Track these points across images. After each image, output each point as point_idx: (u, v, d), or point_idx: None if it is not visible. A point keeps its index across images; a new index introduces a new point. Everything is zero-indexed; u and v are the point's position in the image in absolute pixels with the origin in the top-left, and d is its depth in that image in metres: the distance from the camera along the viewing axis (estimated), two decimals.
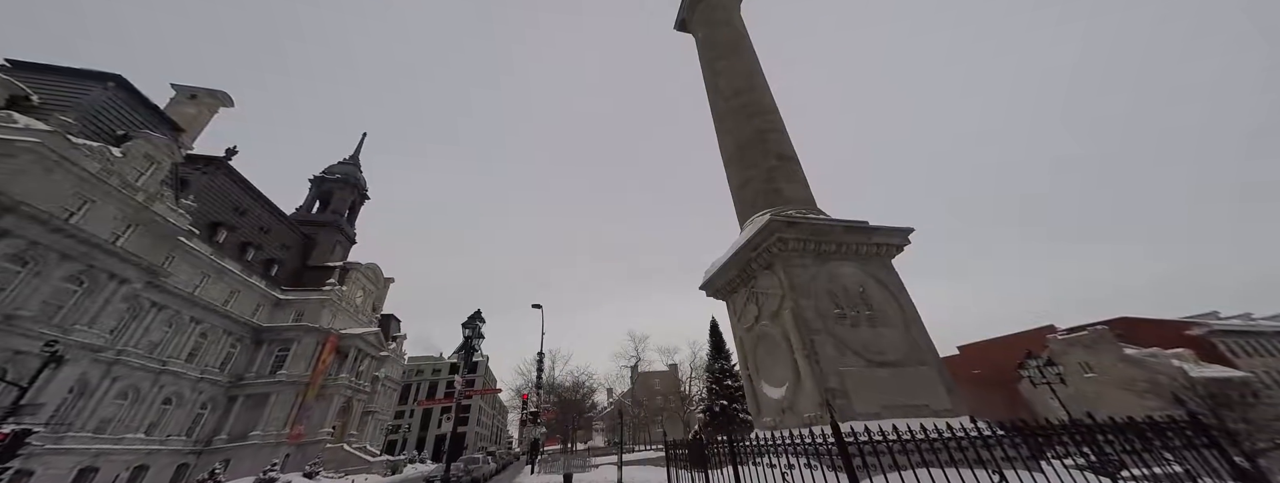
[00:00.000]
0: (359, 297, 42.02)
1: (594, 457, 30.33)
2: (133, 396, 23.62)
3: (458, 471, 22.17)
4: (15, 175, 17.05)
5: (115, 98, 22.72)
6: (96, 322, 19.95)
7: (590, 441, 61.48)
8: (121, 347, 22.71)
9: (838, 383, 6.25)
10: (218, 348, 29.22)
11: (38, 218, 17.46)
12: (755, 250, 8.20)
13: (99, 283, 20.10)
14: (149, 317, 24.46)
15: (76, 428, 20.63)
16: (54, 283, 18.48)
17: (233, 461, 26.83)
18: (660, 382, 53.52)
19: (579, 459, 24.13)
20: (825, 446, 4.19)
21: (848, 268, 7.76)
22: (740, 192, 10.95)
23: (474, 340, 13.63)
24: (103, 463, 21.44)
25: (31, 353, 16.16)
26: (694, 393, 41.43)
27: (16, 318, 16.94)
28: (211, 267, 28.71)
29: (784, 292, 7.48)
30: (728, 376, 23.83)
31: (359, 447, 36.68)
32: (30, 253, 17.64)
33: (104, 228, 20.34)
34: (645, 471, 15.35)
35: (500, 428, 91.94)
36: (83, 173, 19.31)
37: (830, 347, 6.62)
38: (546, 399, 40.41)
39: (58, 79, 21.67)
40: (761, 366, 8.19)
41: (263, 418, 29.64)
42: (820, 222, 8.16)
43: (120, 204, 21.06)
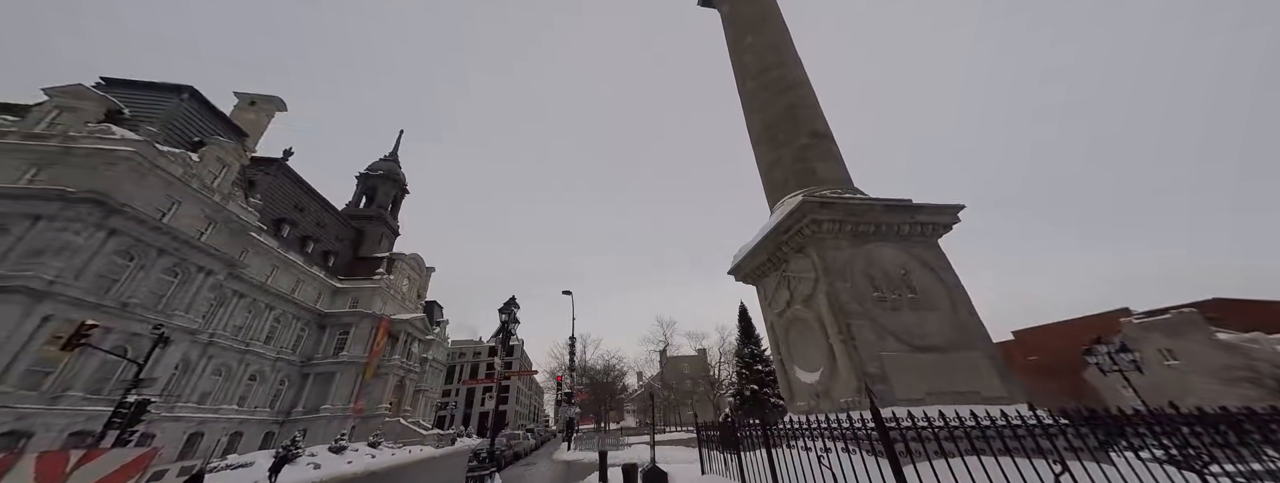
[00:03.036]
0: (405, 285, 45.06)
1: (626, 436, 31.61)
2: (225, 373, 26.92)
3: (501, 445, 23.84)
4: (117, 181, 19.42)
5: (189, 107, 25.09)
6: (191, 308, 22.73)
7: (622, 421, 63.83)
8: (213, 330, 25.79)
9: (877, 368, 6.04)
10: (290, 331, 32.50)
11: (139, 218, 19.90)
12: (787, 233, 7.92)
13: (190, 274, 22.78)
14: (232, 304, 27.52)
15: (183, 400, 23.89)
16: (155, 275, 21.14)
17: (309, 430, 30.16)
18: (689, 366, 54.30)
19: (612, 438, 25.16)
20: (864, 431, 4.05)
21: (888, 249, 7.39)
22: (769, 173, 10.52)
23: (510, 325, 14.45)
24: (206, 429, 24.81)
25: (143, 335, 18.73)
26: (723, 377, 41.77)
27: (130, 305, 19.63)
28: (279, 259, 31.66)
29: (818, 275, 7.22)
30: (758, 360, 23.72)
31: (413, 421, 40.14)
32: (135, 249, 20.22)
33: (190, 226, 22.88)
34: (677, 450, 15.89)
35: (537, 407, 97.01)
36: (170, 177, 21.67)
37: (868, 331, 6.42)
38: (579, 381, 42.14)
39: (140, 92, 24.15)
40: (794, 350, 8.04)
41: (330, 394, 32.98)
42: (857, 201, 7.75)
43: (201, 204, 23.55)
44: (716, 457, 7.70)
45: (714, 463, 7.82)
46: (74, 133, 19.59)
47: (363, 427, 33.40)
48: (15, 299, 15.93)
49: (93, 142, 19.55)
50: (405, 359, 40.99)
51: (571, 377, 30.20)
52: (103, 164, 19.29)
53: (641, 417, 63.19)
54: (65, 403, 17.07)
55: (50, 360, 16.66)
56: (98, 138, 19.78)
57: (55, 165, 18.82)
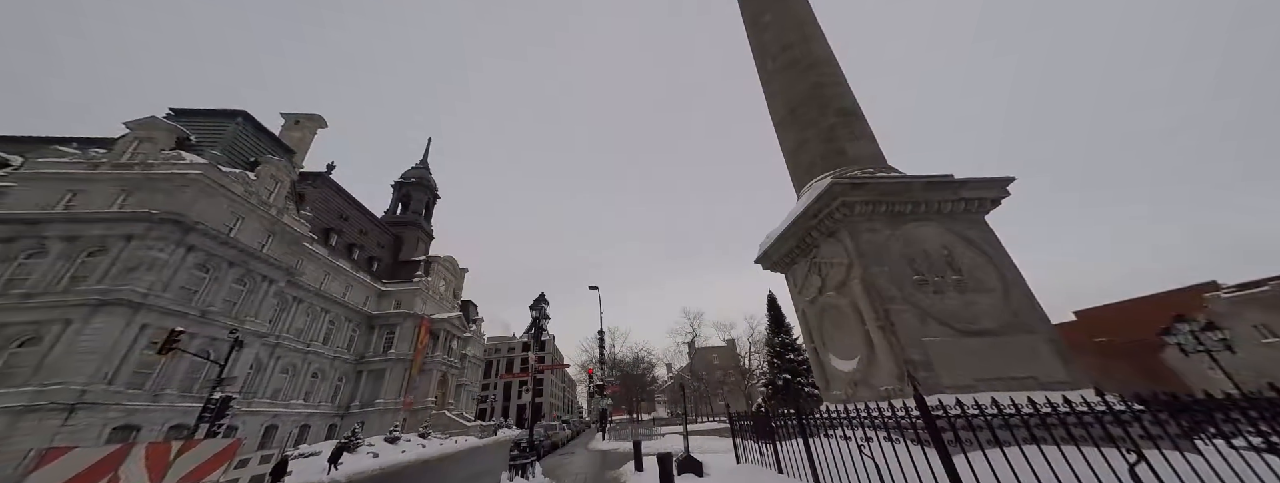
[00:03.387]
0: (442, 285, 47.44)
1: (659, 426, 32.18)
2: (291, 371, 29.58)
3: (539, 435, 24.99)
4: (190, 202, 21.58)
5: (244, 130, 27.35)
6: (259, 313, 25.07)
7: (654, 412, 64.86)
8: (278, 333, 28.32)
9: (920, 355, 5.78)
10: (343, 332, 35.16)
11: (210, 234, 22.07)
12: (815, 218, 7.65)
13: (256, 283, 25.08)
14: (293, 308, 30.06)
15: (258, 396, 26.51)
16: (227, 284, 23.43)
17: (366, 422, 32.71)
18: (718, 357, 54.33)
19: (645, 428, 25.65)
20: (908, 420, 3.89)
21: (928, 229, 6.98)
22: (795, 157, 10.11)
23: (541, 320, 15.12)
24: (279, 422, 27.45)
25: (222, 339, 20.90)
26: (754, 367, 41.58)
27: (209, 313, 21.91)
28: (329, 266, 34.17)
29: (851, 260, 6.95)
30: (789, 349, 23.31)
31: (457, 414, 42.57)
32: (209, 262, 22.47)
33: (253, 239, 25.12)
34: (710, 440, 16.02)
35: (571, 399, 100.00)
36: (233, 196, 23.83)
37: (909, 316, 6.10)
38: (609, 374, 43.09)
39: (202, 119, 26.55)
40: (828, 338, 7.85)
41: (382, 389, 35.52)
42: (892, 180, 7.37)
43: (261, 219, 25.76)
44: (751, 447, 7.68)
45: (749, 453, 7.78)
46: (151, 160, 21.90)
47: (412, 419, 35.85)
48: (118, 311, 18.20)
49: (167, 167, 21.79)
50: (446, 355, 43.39)
51: (602, 370, 31.00)
52: (177, 187, 21.50)
53: (673, 407, 63.93)
54: (164, 400, 19.42)
55: (150, 363, 18.97)
56: (170, 164, 22.02)
57: (139, 190, 21.16)
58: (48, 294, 17.93)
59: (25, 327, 17.25)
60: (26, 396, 15.74)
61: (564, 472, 11.92)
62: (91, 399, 16.70)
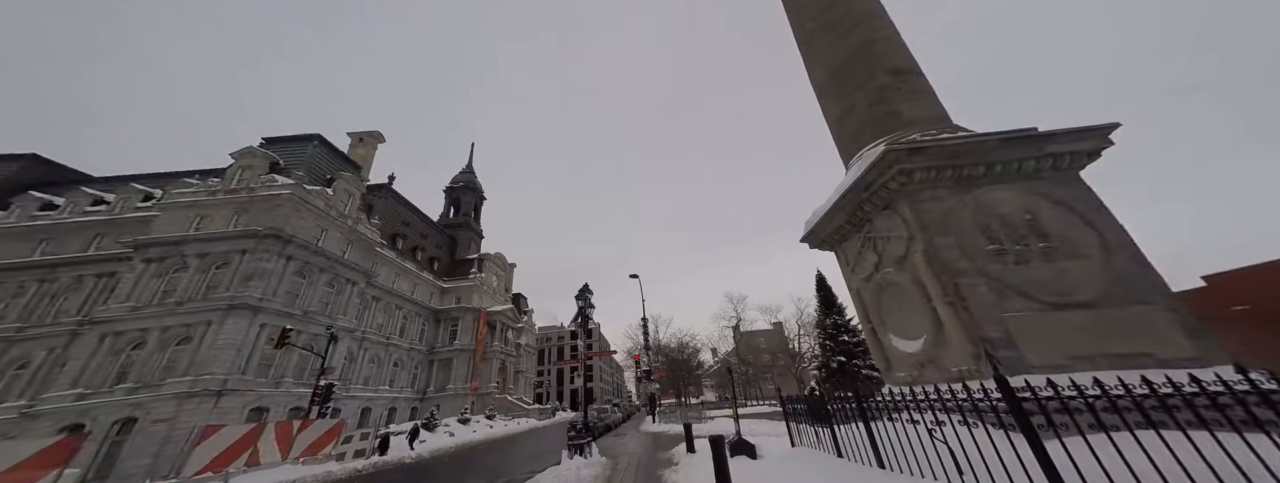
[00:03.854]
0: (494, 281, 50.90)
1: (708, 410, 32.83)
2: (377, 361, 33.66)
3: (592, 417, 26.61)
4: (286, 218, 24.95)
5: (320, 151, 30.80)
6: (347, 312, 28.68)
7: (701, 396, 65.89)
8: (364, 328, 32.24)
9: (999, 332, 5.29)
10: (415, 326, 39.17)
11: (303, 245, 25.45)
12: (868, 190, 7.09)
13: (342, 285, 28.62)
14: (373, 306, 33.96)
15: (353, 383, 30.57)
16: (320, 288, 26.98)
17: (441, 405, 36.60)
18: (765, 340, 53.68)
19: (695, 412, 26.26)
20: (987, 402, 3.56)
21: (1006, 192, 6.27)
22: (841, 125, 9.13)
23: (587, 310, 15.99)
24: (372, 405, 31.56)
25: (320, 334, 24.26)
26: (805, 350, 40.75)
27: (309, 312, 25.47)
28: (398, 267, 37.96)
29: (911, 233, 6.45)
30: (842, 331, 22.36)
31: (517, 398, 46.19)
32: (305, 269, 25.97)
33: (336, 247, 28.56)
34: (760, 424, 15.92)
35: (619, 384, 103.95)
36: (317, 210, 27.16)
37: (984, 290, 5.57)
38: (655, 359, 44.33)
39: (286, 144, 30.19)
40: (888, 317, 7.34)
41: (452, 376, 39.37)
42: (958, 141, 6.55)
43: (340, 229, 29.16)
44: (805, 430, 7.54)
45: (803, 436, 7.64)
46: (253, 185, 25.49)
47: (479, 403, 39.49)
48: (243, 313, 21.78)
49: (265, 189, 25.27)
50: (503, 345, 46.93)
51: (648, 356, 31.99)
52: (274, 206, 24.93)
53: (721, 391, 64.53)
54: (284, 387, 23.12)
55: (270, 356, 22.61)
56: (267, 186, 25.50)
57: (247, 211, 24.80)
58: (192, 302, 21.84)
59: (180, 329, 21.21)
60: (186, 384, 19.52)
61: (619, 451, 12.38)
62: (232, 386, 20.35)
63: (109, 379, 19.91)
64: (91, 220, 27.35)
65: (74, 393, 19.20)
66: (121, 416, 18.74)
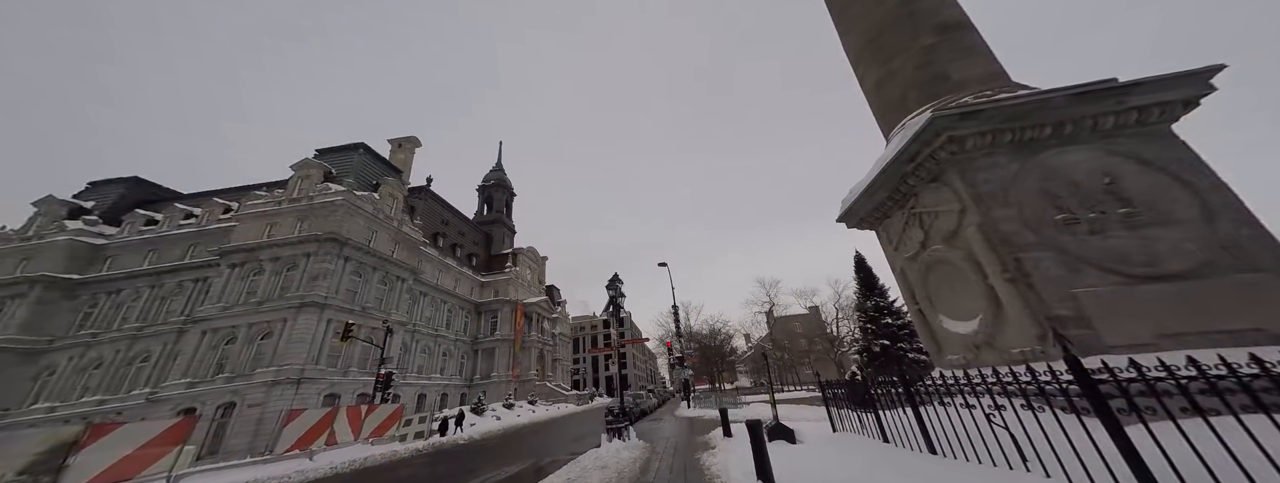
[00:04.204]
0: (528, 274, 53.05)
1: (743, 395, 32.98)
2: (428, 351, 36.45)
3: (628, 402, 27.55)
4: (341, 223, 27.23)
5: (365, 159, 33.07)
6: (399, 307, 31.13)
7: (736, 381, 66.08)
8: (414, 322, 34.90)
9: (1070, 309, 4.90)
10: (459, 319, 41.85)
11: (358, 246, 27.74)
12: (912, 161, 6.62)
13: (393, 283, 31.02)
14: (421, 301, 36.58)
15: (409, 372, 33.37)
16: (375, 285, 29.40)
17: (487, 391, 39.22)
18: (801, 325, 52.47)
19: (729, 397, 26.37)
20: (1057, 385, 3.37)
21: (1078, 154, 5.70)
22: (879, 93, 8.49)
23: (618, 299, 16.55)
24: (426, 391, 34.38)
25: (378, 328, 26.59)
26: (844, 334, 39.68)
27: (367, 308, 27.89)
28: (441, 264, 40.45)
29: (964, 205, 6.01)
30: (885, 313, 21.08)
31: (556, 384, 48.51)
32: (360, 269, 28.36)
33: (385, 247, 30.86)
34: (799, 409, 15.49)
35: (653, 371, 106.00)
36: (366, 214, 29.39)
37: (1052, 264, 5.17)
38: (687, 346, 44.82)
39: (335, 154, 32.64)
40: (937, 297, 6.97)
41: (495, 364, 41.92)
42: (1020, 100, 5.92)
43: (388, 230, 31.43)
44: (847, 416, 7.41)
45: (845, 422, 7.52)
46: (311, 193, 27.93)
47: (521, 389, 41.91)
48: (311, 310, 24.27)
49: (321, 197, 27.63)
50: (540, 334, 49.17)
51: (680, 342, 32.40)
52: (330, 212, 27.26)
53: (756, 377, 64.39)
54: (351, 375, 25.71)
55: (337, 349, 25.15)
56: (323, 194, 27.85)
57: (308, 218, 27.29)
58: (270, 301, 24.58)
59: (262, 325, 24.00)
60: (271, 373, 22.19)
61: (656, 436, 12.56)
62: (309, 375, 22.91)
63: (211, 370, 23.01)
64: (185, 232, 31.12)
65: (185, 382, 22.39)
66: (223, 400, 21.69)
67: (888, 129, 8.36)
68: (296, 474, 10.82)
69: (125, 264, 30.35)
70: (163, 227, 32.12)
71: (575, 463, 8.49)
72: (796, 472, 5.28)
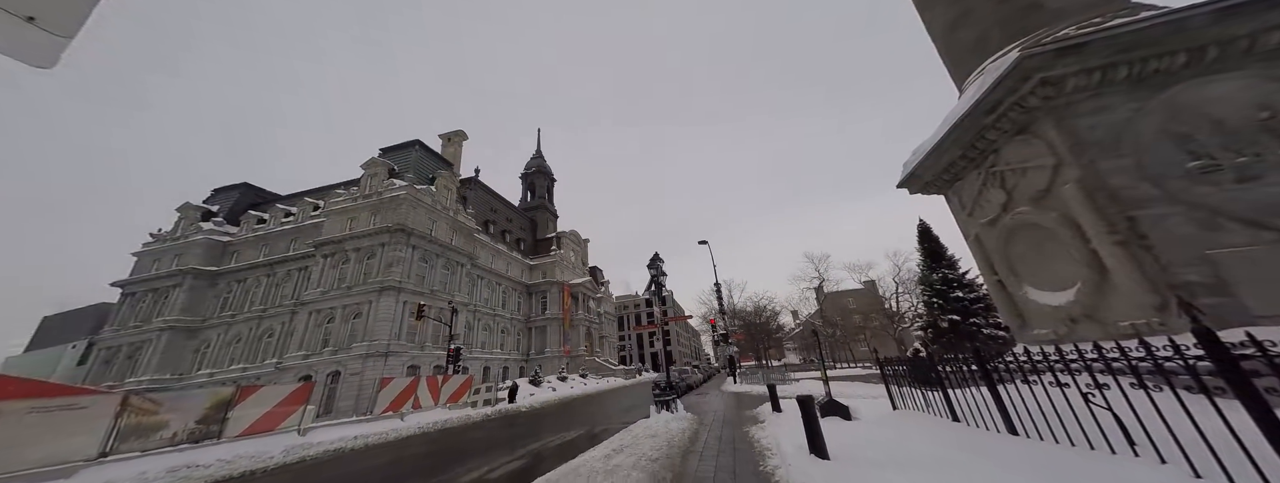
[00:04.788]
0: (572, 256, 55.38)
1: (791, 372, 32.71)
2: (489, 329, 40.05)
3: (674, 377, 28.52)
4: (406, 215, 30.11)
5: (421, 155, 35.80)
6: (461, 289, 34.27)
7: (783, 358, 65.53)
8: (475, 303, 38.31)
9: (1204, 274, 4.27)
10: (513, 300, 45.19)
11: (422, 236, 30.66)
12: (993, 112, 5.86)
13: (454, 267, 34.06)
14: (479, 284, 39.91)
15: (474, 348, 37.05)
16: (439, 270, 32.51)
17: (542, 366, 42.58)
18: (855, 301, 50.16)
19: (778, 373, 26.13)
20: (1181, 361, 3.00)
21: (1224, 85, 4.70)
22: (952, 37, 7.51)
23: (659, 278, 16.97)
24: (490, 365, 38.11)
25: (445, 308, 29.62)
26: (905, 309, 37.59)
27: (435, 291, 31.06)
28: (493, 250, 43.50)
29: (1059, 159, 5.27)
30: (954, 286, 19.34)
31: (604, 360, 51.30)
32: (426, 256, 31.41)
33: (445, 235, 33.75)
34: (853, 386, 15.09)
35: (697, 348, 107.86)
36: (426, 206, 32.16)
37: (1179, 221, 4.49)
38: (731, 324, 44.87)
39: (395, 151, 35.63)
40: (1021, 266, 6.31)
41: (547, 341, 45.12)
42: (1141, 25, 4.88)
43: (446, 220, 34.23)
44: (909, 394, 7.07)
45: (907, 400, 7.17)
46: (380, 189, 31.01)
47: (572, 364, 44.92)
48: (390, 293, 27.56)
49: (388, 192, 30.61)
50: (587, 313, 51.77)
51: (723, 320, 32.60)
52: (396, 206, 30.20)
53: (805, 354, 63.34)
54: (427, 350, 29.16)
55: (413, 327, 28.53)
56: (389, 189, 30.81)
57: (379, 212, 30.49)
58: (357, 286, 28.23)
59: (353, 307, 27.76)
60: (365, 348, 25.81)
61: (703, 409, 12.68)
62: (393, 349, 26.37)
63: (319, 344, 27.25)
64: (286, 229, 36.16)
65: (301, 354, 26.78)
66: (330, 370, 25.73)
67: (961, 78, 7.38)
68: (392, 432, 12.90)
69: (246, 257, 36.09)
70: (270, 225, 37.51)
71: (627, 431, 8.76)
72: (854, 448, 5.12)
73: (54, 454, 7.77)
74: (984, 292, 15.42)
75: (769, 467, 5.28)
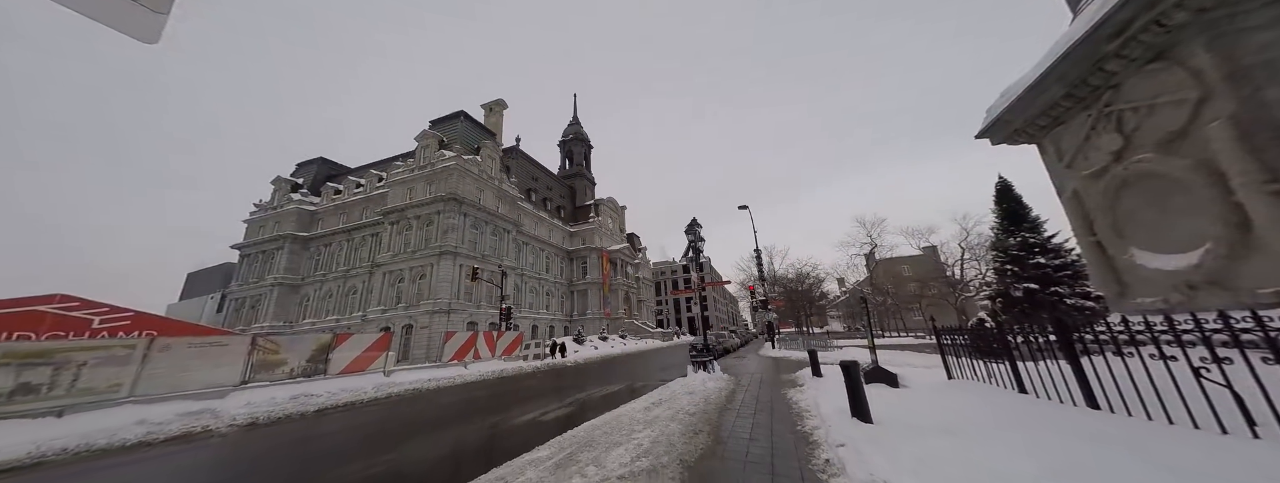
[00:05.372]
0: (609, 223, 56.46)
1: (834, 339, 32.20)
2: (535, 292, 43.03)
3: (711, 340, 29.07)
4: (455, 184, 32.03)
5: (465, 125, 37.13)
6: (509, 254, 36.68)
7: (825, 326, 64.59)
8: (522, 267, 40.99)
9: None
10: (556, 265, 47.68)
11: (471, 204, 32.68)
12: (1119, 36, 4.92)
13: (502, 234, 36.28)
14: (524, 249, 42.39)
15: (521, 308, 40.23)
16: (488, 236, 34.82)
17: (584, 327, 45.53)
18: (911, 267, 47.29)
19: (819, 340, 25.89)
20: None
21: None
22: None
23: (697, 243, 17.10)
24: (537, 324, 41.43)
25: (495, 271, 32.08)
26: (971, 277, 35.27)
27: (486, 256, 33.54)
28: (535, 217, 45.44)
29: (1205, 91, 4.44)
30: (1034, 252, 17.51)
31: (643, 322, 53.66)
32: (476, 223, 33.63)
33: (492, 204, 35.67)
34: (903, 355, 14.51)
35: (734, 313, 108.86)
36: (473, 175, 33.87)
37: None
38: (771, 290, 44.50)
39: (443, 123, 37.16)
40: (1129, 225, 5.62)
41: (588, 304, 47.74)
42: None
43: (492, 189, 35.99)
44: (968, 366, 6.74)
45: (964, 371, 6.82)
46: (432, 160, 32.98)
47: (612, 325, 47.51)
48: (448, 257, 30.22)
49: (439, 163, 32.49)
50: (625, 278, 53.61)
51: (763, 286, 32.40)
52: (447, 176, 32.13)
53: (849, 322, 61.90)
54: (483, 309, 32.17)
55: (469, 288, 31.40)
56: (439, 160, 32.66)
57: (433, 182, 32.67)
58: (420, 250, 31.19)
59: (419, 269, 30.89)
60: (431, 305, 29.01)
61: (740, 371, 12.63)
62: (454, 308, 29.40)
63: (393, 301, 30.99)
64: (357, 199, 40.01)
65: (380, 309, 30.71)
66: (404, 323, 29.40)
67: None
68: (458, 377, 14.87)
69: (329, 224, 40.75)
70: (344, 195, 41.62)
71: (665, 387, 9.10)
72: (900, 413, 4.88)
73: (211, 380, 9.99)
74: (1072, 258, 13.88)
75: (807, 427, 5.13)
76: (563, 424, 6.28)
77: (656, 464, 3.81)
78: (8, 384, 7.29)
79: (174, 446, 6.37)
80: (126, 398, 8.50)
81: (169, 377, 9.29)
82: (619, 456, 4.10)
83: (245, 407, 8.66)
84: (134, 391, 8.66)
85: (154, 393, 8.88)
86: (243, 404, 8.79)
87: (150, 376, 8.98)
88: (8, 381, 7.32)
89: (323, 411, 9.10)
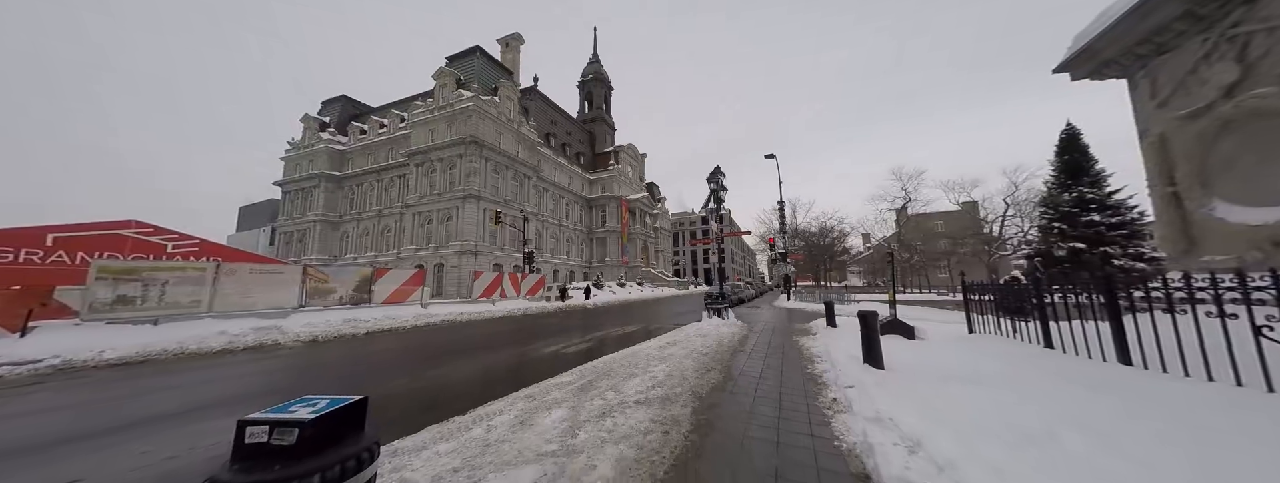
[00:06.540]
0: (629, 171, 55.30)
1: (852, 293, 32.08)
2: (556, 237, 44.04)
3: (727, 290, 29.29)
4: (475, 126, 31.45)
5: (482, 62, 35.26)
6: (530, 200, 37.05)
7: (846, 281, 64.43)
8: (542, 214, 41.56)
9: None
10: (576, 212, 48.08)
11: (491, 148, 32.36)
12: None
13: (522, 179, 36.31)
14: (545, 196, 42.62)
15: (542, 253, 41.60)
16: (509, 182, 34.95)
17: (603, 273, 47.18)
18: (945, 224, 45.46)
19: (837, 294, 25.92)
20: None
21: None
22: None
23: (718, 192, 16.69)
24: (558, 269, 43.14)
25: (517, 216, 32.74)
26: (1011, 234, 33.97)
27: (509, 201, 33.99)
28: (555, 163, 44.83)
29: None
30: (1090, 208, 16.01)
31: (659, 271, 55.09)
32: (497, 167, 33.58)
33: (511, 148, 35.20)
34: (924, 311, 14.42)
35: (751, 266, 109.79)
36: (491, 117, 33.02)
37: None
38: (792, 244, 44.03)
39: (460, 60, 35.36)
40: (1220, 173, 5.09)
41: (607, 252, 48.90)
42: None
43: (511, 132, 35.22)
44: (993, 322, 6.57)
45: (987, 327, 6.69)
46: (451, 100, 32.10)
47: (629, 272, 49.04)
48: (472, 201, 30.85)
49: (458, 103, 31.64)
50: (643, 227, 53.96)
51: (783, 238, 32.00)
52: (466, 117, 31.45)
53: (870, 278, 61.44)
54: (507, 252, 33.49)
55: (493, 231, 32.42)
56: (458, 101, 31.75)
57: (453, 124, 32.15)
58: (445, 193, 31.86)
59: (446, 210, 31.85)
60: (459, 246, 30.39)
61: (754, 319, 12.91)
62: (480, 249, 30.74)
63: (424, 241, 32.59)
64: (381, 140, 40.16)
65: (413, 247, 32.48)
66: (435, 262, 31.19)
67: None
68: (487, 312, 16.05)
69: (358, 164, 41.65)
70: (369, 136, 41.82)
71: (680, 330, 9.57)
72: (914, 362, 4.91)
73: (272, 302, 11.14)
74: (1133, 215, 12.84)
75: (817, 370, 5.23)
76: (584, 356, 6.81)
77: (670, 394, 4.11)
78: (109, 296, 8.37)
79: (252, 354, 7.37)
80: (206, 313, 9.68)
81: (238, 297, 10.43)
82: (636, 384, 4.44)
83: (306, 326, 9.76)
84: (211, 307, 9.82)
85: (228, 310, 10.04)
86: (303, 324, 9.88)
87: (222, 295, 10.09)
88: (108, 293, 8.40)
89: (371, 333, 10.17)
